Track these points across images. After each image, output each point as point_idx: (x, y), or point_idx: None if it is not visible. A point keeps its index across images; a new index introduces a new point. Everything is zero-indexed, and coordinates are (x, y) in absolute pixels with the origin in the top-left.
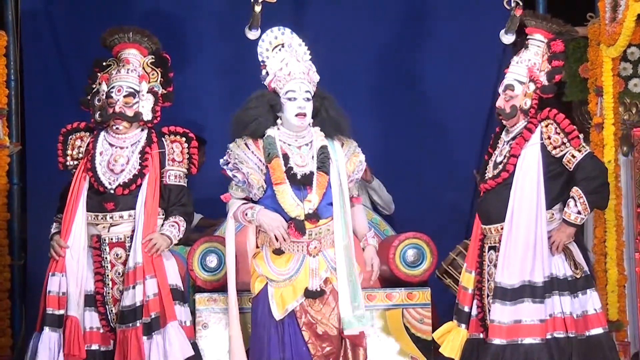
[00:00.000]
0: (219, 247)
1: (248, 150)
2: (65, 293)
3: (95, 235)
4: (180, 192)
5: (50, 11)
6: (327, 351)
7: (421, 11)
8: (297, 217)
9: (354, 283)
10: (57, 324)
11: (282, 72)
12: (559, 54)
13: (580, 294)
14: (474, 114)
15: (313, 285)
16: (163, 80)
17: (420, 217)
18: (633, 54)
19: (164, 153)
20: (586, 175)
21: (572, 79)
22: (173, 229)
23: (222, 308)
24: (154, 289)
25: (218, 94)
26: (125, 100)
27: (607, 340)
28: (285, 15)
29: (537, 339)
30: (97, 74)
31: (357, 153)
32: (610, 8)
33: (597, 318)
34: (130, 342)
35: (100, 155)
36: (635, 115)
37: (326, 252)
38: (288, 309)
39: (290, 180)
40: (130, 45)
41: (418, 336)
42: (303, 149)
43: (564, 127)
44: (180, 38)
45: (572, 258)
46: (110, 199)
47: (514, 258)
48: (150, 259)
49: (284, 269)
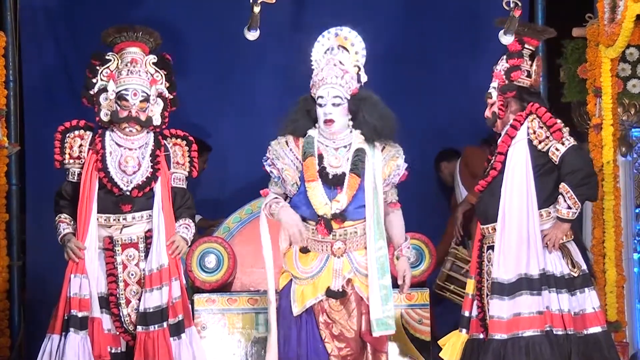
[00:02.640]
0: (217, 247)
1: (287, 148)
2: (87, 295)
3: (107, 237)
4: (185, 195)
5: (50, 11)
6: (344, 352)
7: (421, 11)
8: (324, 215)
9: (387, 286)
10: (80, 326)
11: (317, 77)
12: (514, 53)
13: (578, 292)
14: (473, 117)
15: (335, 285)
16: (168, 85)
17: (420, 218)
18: (632, 54)
19: (169, 156)
20: (570, 169)
21: (570, 80)
22: (187, 231)
23: (220, 309)
24: (178, 291)
25: (218, 99)
26: (140, 105)
27: (606, 339)
28: (285, 15)
29: (537, 330)
30: (96, 68)
31: (395, 157)
32: (609, 9)
33: (596, 317)
34: (157, 343)
35: (110, 156)
36: (633, 116)
37: (352, 254)
38: (306, 305)
39: (322, 179)
40: (135, 44)
41: (417, 337)
42: (340, 151)
43: (545, 121)
44: (181, 40)
45: (570, 256)
46: (128, 201)
47: (508, 253)
48: (175, 262)
49: (308, 267)
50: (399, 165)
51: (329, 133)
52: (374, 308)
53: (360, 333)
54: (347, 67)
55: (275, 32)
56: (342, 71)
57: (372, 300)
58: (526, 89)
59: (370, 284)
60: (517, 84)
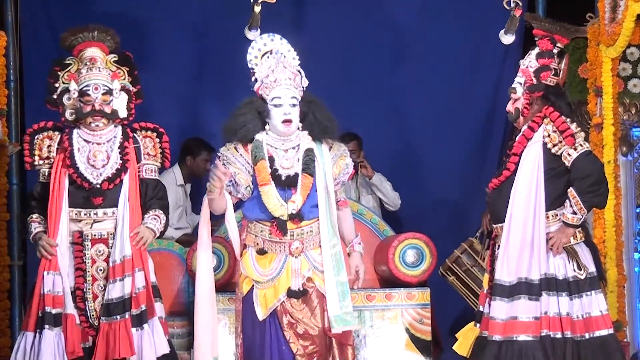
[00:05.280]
0: (218, 247)
1: (237, 153)
2: (60, 292)
3: (77, 231)
4: (156, 186)
5: (50, 12)
6: (310, 350)
7: (422, 11)
8: (280, 217)
9: (343, 283)
10: (55, 323)
11: (269, 79)
12: (545, 52)
13: (584, 295)
14: (474, 115)
15: (295, 285)
16: (131, 79)
17: (420, 218)
18: (632, 54)
19: (139, 148)
20: (579, 175)
21: (571, 79)
22: (155, 222)
23: (221, 309)
24: (142, 281)
25: (220, 99)
26: (103, 98)
27: (613, 342)
28: (285, 15)
29: (531, 336)
30: (57, 73)
31: (344, 156)
32: (610, 8)
33: (603, 320)
34: (119, 333)
35: (79, 152)
36: (634, 115)
37: (309, 253)
38: (270, 308)
39: (275, 181)
40: (93, 44)
41: (417, 336)
42: (290, 152)
43: (557, 126)
44: (188, 43)
45: (577, 259)
46: (99, 194)
47: (511, 255)
48: (139, 253)
49: (267, 269)
50: (347, 164)
51: (284, 133)
52: (332, 305)
53: (324, 329)
54: (294, 70)
55: (278, 31)
56: (293, 74)
57: (329, 297)
58: (553, 88)
59: (327, 281)
60: (544, 82)
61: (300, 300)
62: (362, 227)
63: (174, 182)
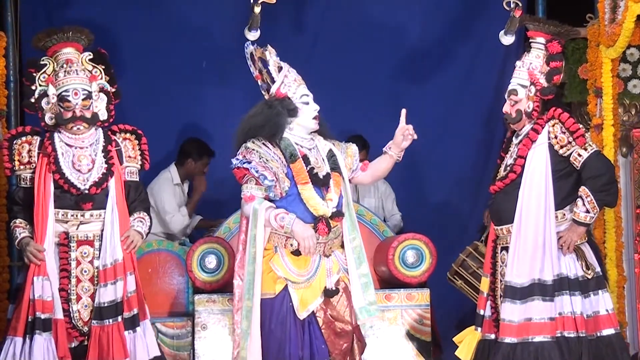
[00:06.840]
0: (218, 248)
1: (269, 149)
2: (50, 297)
3: (63, 232)
4: (138, 188)
5: (50, 12)
6: (344, 348)
7: (422, 12)
8: (324, 215)
9: (366, 274)
10: (44, 328)
11: (288, 78)
12: (556, 55)
13: (592, 294)
14: (474, 117)
15: (330, 284)
16: (108, 78)
17: (419, 218)
18: (632, 55)
19: (120, 150)
20: (592, 174)
21: (571, 80)
22: (142, 224)
23: (221, 309)
24: (133, 285)
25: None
26: (83, 104)
27: (619, 341)
28: (285, 15)
29: (548, 336)
30: (33, 75)
31: (348, 145)
32: (610, 9)
33: (609, 319)
34: (112, 337)
35: (63, 157)
36: (634, 116)
37: (336, 253)
38: (309, 308)
39: (313, 180)
40: (67, 44)
41: (417, 337)
42: (313, 151)
43: (568, 127)
44: (186, 44)
45: (584, 258)
46: (88, 200)
47: (523, 257)
48: (130, 256)
49: (304, 270)
50: (353, 149)
51: (313, 130)
52: (356, 297)
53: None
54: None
55: (276, 34)
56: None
57: (353, 290)
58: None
59: (350, 274)
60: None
61: (334, 298)
62: (362, 228)
63: (171, 181)
